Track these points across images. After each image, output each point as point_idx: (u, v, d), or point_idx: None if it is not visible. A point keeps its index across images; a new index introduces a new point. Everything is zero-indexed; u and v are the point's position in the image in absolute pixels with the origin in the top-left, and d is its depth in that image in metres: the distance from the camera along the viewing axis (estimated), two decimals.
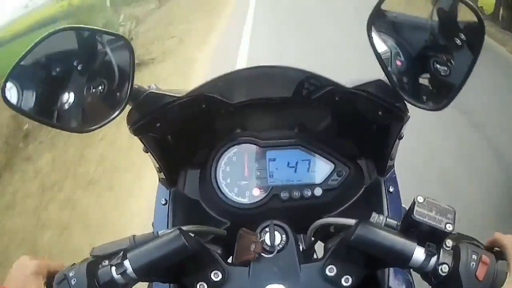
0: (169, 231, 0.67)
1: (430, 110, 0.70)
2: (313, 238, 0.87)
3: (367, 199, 0.91)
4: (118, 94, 0.69)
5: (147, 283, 0.89)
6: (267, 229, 0.73)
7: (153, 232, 0.71)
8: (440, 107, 0.70)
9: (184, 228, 0.72)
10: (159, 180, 0.95)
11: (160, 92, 0.76)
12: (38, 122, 0.70)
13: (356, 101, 0.80)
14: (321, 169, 0.89)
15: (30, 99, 0.68)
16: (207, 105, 0.85)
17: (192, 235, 0.72)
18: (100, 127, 0.68)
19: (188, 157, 0.95)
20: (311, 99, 0.88)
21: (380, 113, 0.78)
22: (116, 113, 0.67)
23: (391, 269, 0.84)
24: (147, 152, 0.84)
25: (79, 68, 0.71)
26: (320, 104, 0.91)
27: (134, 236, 0.70)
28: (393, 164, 0.93)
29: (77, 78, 0.72)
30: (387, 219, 0.68)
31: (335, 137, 0.95)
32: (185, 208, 0.92)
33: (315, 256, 0.98)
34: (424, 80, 0.73)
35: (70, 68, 0.71)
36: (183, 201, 0.92)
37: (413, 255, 0.61)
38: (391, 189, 0.91)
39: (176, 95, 0.77)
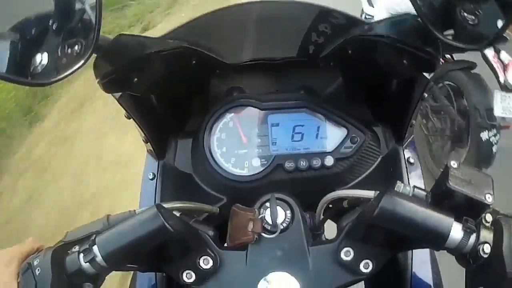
0: (146, 208, 0.56)
1: (469, 48, 0.57)
2: (322, 216, 0.75)
3: (384, 170, 0.80)
4: (84, 42, 0.57)
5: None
6: (267, 204, 0.61)
7: (129, 211, 0.59)
8: (481, 46, 0.57)
9: (166, 205, 0.61)
10: (147, 152, 0.83)
11: (134, 35, 0.64)
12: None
13: (376, 50, 0.66)
14: (332, 135, 0.76)
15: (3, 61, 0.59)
16: (199, 61, 0.73)
17: (178, 214, 0.61)
18: (62, 78, 0.57)
19: (179, 125, 0.83)
20: (318, 58, 0.75)
21: (405, 61, 0.64)
22: (80, 62, 0.55)
23: (415, 251, 0.72)
24: (130, 118, 0.72)
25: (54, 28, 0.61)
26: (329, 64, 0.78)
27: (108, 216, 0.59)
28: (413, 131, 0.81)
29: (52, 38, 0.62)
30: (415, 189, 0.56)
31: (347, 102, 0.82)
32: (176, 183, 0.80)
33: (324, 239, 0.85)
34: (461, 13, 0.59)
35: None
36: (173, 175, 0.80)
37: (450, 233, 0.49)
38: (411, 159, 0.79)
39: (153, 38, 0.65)
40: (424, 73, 0.68)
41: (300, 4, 0.67)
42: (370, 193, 0.63)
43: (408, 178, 0.78)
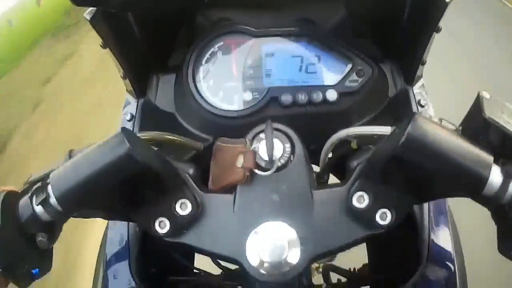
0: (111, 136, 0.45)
1: None
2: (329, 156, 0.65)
3: (392, 113, 0.70)
4: None
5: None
6: (261, 135, 0.51)
7: (95, 142, 0.49)
8: None
9: (140, 134, 0.51)
10: (126, 92, 0.73)
11: None
12: None
13: None
14: (335, 67, 0.66)
15: None
16: None
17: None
18: None
19: (161, 59, 0.73)
20: None
21: None
22: None
23: (432, 211, 0.63)
24: (106, 47, 0.62)
25: None
26: None
27: (71, 151, 0.49)
28: (422, 71, 0.71)
29: None
30: (443, 121, 0.47)
31: (351, 37, 0.72)
32: (156, 124, 0.70)
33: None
34: None
35: None
36: (153, 114, 0.70)
37: (490, 176, 0.40)
38: (422, 101, 0.70)
39: None
40: None
41: None
42: (387, 129, 0.54)
43: None
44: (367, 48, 0.73)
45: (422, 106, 0.70)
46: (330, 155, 0.63)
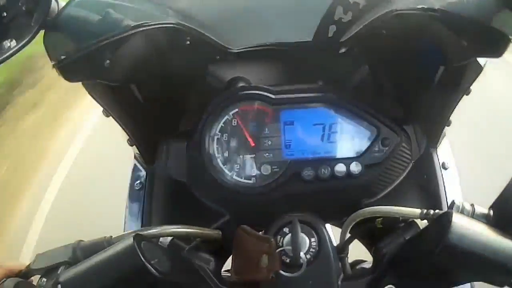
0: (124, 235, 0.45)
1: None
2: (349, 234, 0.61)
3: (416, 178, 0.66)
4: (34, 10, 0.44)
5: None
6: (286, 229, 0.49)
7: (105, 237, 0.46)
8: None
9: (151, 230, 0.47)
10: (134, 157, 0.69)
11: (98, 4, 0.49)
12: None
13: (423, 29, 0.52)
14: (359, 136, 0.62)
15: None
16: (194, 44, 0.58)
17: (165, 241, 0.48)
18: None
19: (171, 124, 0.68)
20: (339, 43, 0.61)
21: (464, 42, 0.50)
22: (22, 42, 0.42)
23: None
24: (108, 116, 0.58)
25: None
26: (352, 50, 0.64)
27: (79, 242, 0.47)
28: (445, 131, 0.69)
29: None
30: (475, 208, 0.46)
31: (373, 96, 0.68)
32: (167, 194, 0.66)
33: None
34: None
35: None
36: (164, 184, 0.66)
37: None
38: (446, 164, 0.67)
39: (131, 6, 0.51)
40: (479, 59, 0.55)
41: None
42: (414, 212, 0.51)
43: (444, 187, 0.66)
44: (390, 108, 0.69)
45: (446, 169, 0.68)
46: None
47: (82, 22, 0.48)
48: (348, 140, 0.62)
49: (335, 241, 0.68)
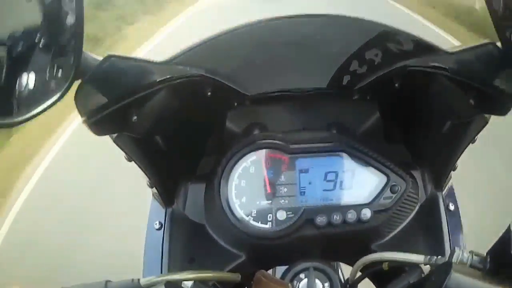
0: (151, 279, 0.47)
1: None
2: (359, 273, 0.64)
3: (422, 220, 0.70)
4: (66, 64, 0.45)
5: None
6: (302, 275, 0.54)
7: (132, 280, 0.49)
8: None
9: (176, 275, 0.50)
10: (152, 196, 0.72)
11: (130, 58, 0.51)
12: None
13: (434, 85, 0.56)
14: (369, 183, 0.66)
15: None
16: (215, 93, 0.62)
17: (188, 284, 0.51)
18: (31, 117, 0.45)
19: (190, 167, 0.71)
20: (353, 90, 0.65)
21: (471, 101, 0.53)
22: (56, 95, 0.44)
23: None
24: (131, 161, 0.61)
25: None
26: (365, 97, 0.67)
27: (107, 283, 0.49)
28: (451, 175, 0.72)
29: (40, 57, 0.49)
30: (473, 256, 0.49)
31: (384, 141, 0.72)
32: (186, 235, 0.69)
33: None
34: None
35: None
36: (183, 225, 0.69)
37: None
38: (451, 207, 0.71)
39: (157, 63, 0.53)
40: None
41: (349, 20, 0.55)
42: (418, 258, 0.54)
43: (448, 229, 0.69)
44: (399, 154, 0.72)
45: (450, 211, 0.71)
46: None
47: (112, 79, 0.50)
48: (359, 187, 0.65)
49: (343, 277, 0.72)
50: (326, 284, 0.53)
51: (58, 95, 0.45)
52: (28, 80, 0.46)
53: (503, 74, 0.51)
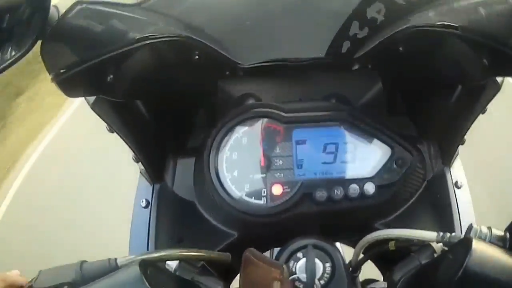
0: (129, 259, 0.43)
1: None
2: (362, 255, 0.59)
3: (430, 197, 0.65)
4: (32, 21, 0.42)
5: None
6: (299, 254, 0.48)
7: (109, 260, 0.45)
8: None
9: (157, 253, 0.46)
10: (139, 173, 0.67)
11: (101, 2, 0.46)
12: None
13: (442, 47, 0.51)
14: (373, 156, 0.60)
15: None
16: (202, 58, 0.56)
17: (172, 264, 0.46)
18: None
19: (178, 140, 0.66)
20: (353, 59, 0.59)
21: (485, 61, 0.48)
22: (18, 53, 0.40)
23: None
24: (112, 132, 0.56)
25: None
26: (366, 66, 0.62)
27: (82, 263, 0.45)
28: (458, 150, 0.68)
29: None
30: (492, 231, 0.45)
31: (387, 114, 0.66)
32: (174, 213, 0.64)
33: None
34: None
35: None
36: (171, 202, 0.64)
37: None
38: (459, 183, 0.66)
39: (132, 6, 0.48)
40: (497, 78, 0.53)
41: None
42: (431, 235, 0.49)
43: (457, 206, 0.64)
44: (404, 126, 0.67)
45: (459, 188, 0.67)
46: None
47: (84, 32, 0.45)
48: (362, 160, 0.60)
49: (347, 260, 0.66)
50: (328, 264, 0.48)
51: (24, 50, 0.42)
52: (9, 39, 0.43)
53: None
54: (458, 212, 0.64)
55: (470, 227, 0.46)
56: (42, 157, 3.83)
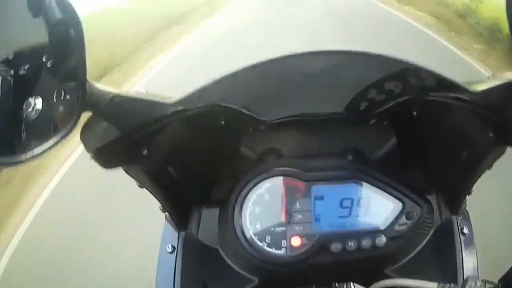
0: None
1: None
2: None
3: (436, 244, 0.69)
4: (74, 94, 0.42)
5: None
6: None
7: None
8: None
9: None
10: (165, 219, 0.72)
11: (139, 96, 0.49)
12: None
13: (452, 116, 0.55)
14: (385, 210, 0.65)
15: None
16: (228, 122, 0.61)
17: None
18: (36, 156, 0.40)
19: (203, 193, 0.71)
20: (371, 115, 0.64)
21: (491, 134, 0.53)
22: (66, 128, 0.40)
23: None
24: (142, 188, 0.60)
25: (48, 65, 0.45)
26: (381, 122, 0.66)
27: None
28: (466, 199, 0.72)
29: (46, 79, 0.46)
30: (486, 284, 0.49)
31: (400, 167, 0.71)
32: (199, 259, 0.68)
33: None
34: None
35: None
36: (196, 249, 0.69)
37: None
38: (465, 230, 0.70)
39: (166, 101, 0.50)
40: None
41: (371, 57, 0.52)
42: (432, 286, 0.54)
43: (462, 253, 0.69)
44: (415, 179, 0.72)
45: (464, 235, 0.70)
46: None
47: (120, 115, 0.48)
48: (374, 214, 0.65)
49: None
50: None
51: (66, 129, 0.41)
52: (35, 108, 0.42)
53: None
54: (462, 260, 0.68)
55: (465, 281, 0.50)
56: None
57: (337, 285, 0.66)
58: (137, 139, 0.50)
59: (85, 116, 0.44)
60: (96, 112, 0.44)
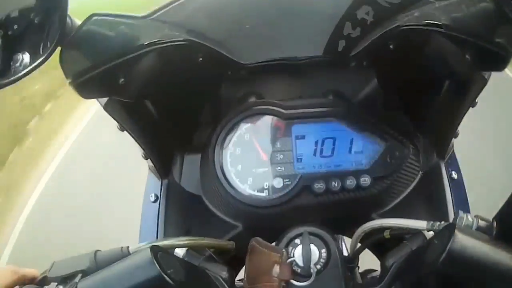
0: (140, 246, 0.47)
1: None
2: (359, 244, 0.62)
3: (424, 189, 0.68)
4: (49, 31, 0.45)
5: None
6: (297, 240, 0.51)
7: (121, 248, 0.48)
8: None
9: (167, 241, 0.49)
10: (148, 169, 0.71)
11: (113, 14, 0.50)
12: None
13: (429, 44, 0.54)
14: (368, 149, 0.64)
15: None
16: (206, 59, 0.60)
17: (180, 252, 0.49)
18: (15, 80, 0.45)
19: (185, 137, 0.70)
20: (349, 57, 0.63)
21: (467, 57, 0.51)
22: (38, 60, 0.43)
23: None
24: (123, 130, 0.60)
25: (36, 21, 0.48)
26: (361, 64, 0.66)
27: (96, 252, 0.48)
28: (453, 143, 0.70)
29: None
30: (479, 220, 0.47)
31: (382, 109, 0.70)
32: (182, 206, 0.68)
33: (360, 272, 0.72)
34: None
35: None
36: (179, 196, 0.68)
37: None
38: (454, 175, 0.69)
39: (141, 17, 0.52)
40: (483, 73, 0.56)
41: None
42: (420, 224, 0.52)
43: (452, 197, 0.67)
44: (399, 121, 0.70)
45: (453, 180, 0.69)
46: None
47: (98, 40, 0.49)
48: (358, 153, 0.63)
49: (346, 252, 0.69)
50: (323, 251, 0.50)
51: (43, 57, 0.45)
52: (22, 63, 0.46)
53: (499, 28, 0.49)
54: (453, 204, 0.66)
55: (456, 215, 0.49)
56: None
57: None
58: (114, 67, 0.50)
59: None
60: (68, 38, 0.45)
